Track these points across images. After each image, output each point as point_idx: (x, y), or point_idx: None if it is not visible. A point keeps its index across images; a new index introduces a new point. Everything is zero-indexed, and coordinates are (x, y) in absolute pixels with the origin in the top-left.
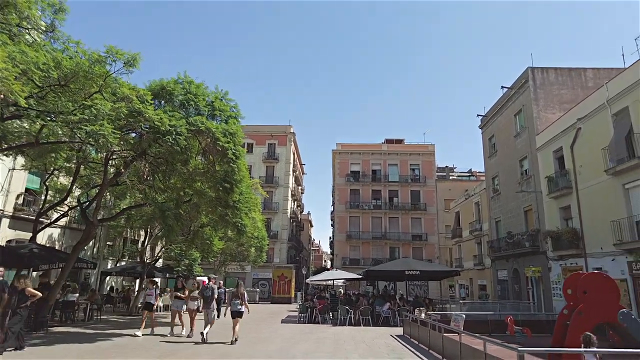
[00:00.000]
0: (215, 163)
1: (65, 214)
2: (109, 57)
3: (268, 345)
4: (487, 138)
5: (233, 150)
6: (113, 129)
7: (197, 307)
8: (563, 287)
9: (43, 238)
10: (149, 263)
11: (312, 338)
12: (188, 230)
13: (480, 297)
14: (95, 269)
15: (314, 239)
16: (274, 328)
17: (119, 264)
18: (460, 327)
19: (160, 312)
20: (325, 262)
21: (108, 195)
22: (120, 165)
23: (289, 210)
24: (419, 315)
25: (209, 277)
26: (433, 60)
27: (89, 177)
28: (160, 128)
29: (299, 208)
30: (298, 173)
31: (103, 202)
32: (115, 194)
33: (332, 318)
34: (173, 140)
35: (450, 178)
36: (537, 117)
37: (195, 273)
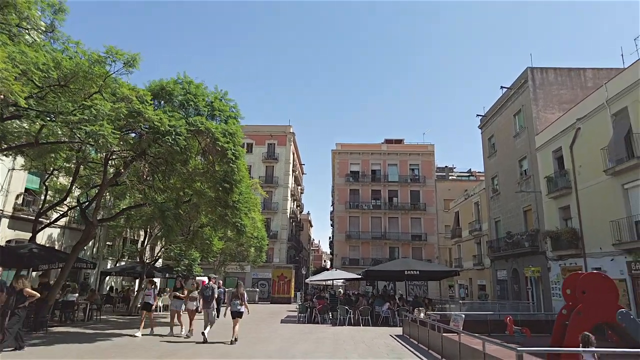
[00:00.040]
0: (215, 163)
1: (65, 214)
2: (109, 57)
3: (268, 345)
4: (486, 138)
5: (232, 151)
6: (113, 129)
7: (195, 307)
8: (562, 287)
9: (43, 238)
10: (149, 263)
11: (311, 338)
12: (188, 231)
13: (480, 297)
14: (95, 269)
15: (314, 239)
16: (274, 328)
17: (119, 264)
18: (460, 327)
19: (160, 312)
20: (325, 262)
21: (108, 196)
22: (120, 166)
23: (289, 210)
24: (418, 315)
25: (209, 277)
26: (433, 60)
27: (89, 177)
28: (160, 128)
29: (299, 208)
30: (298, 173)
31: (103, 202)
32: (115, 194)
33: (331, 318)
34: (173, 141)
35: (450, 178)
36: (536, 117)
37: (195, 273)
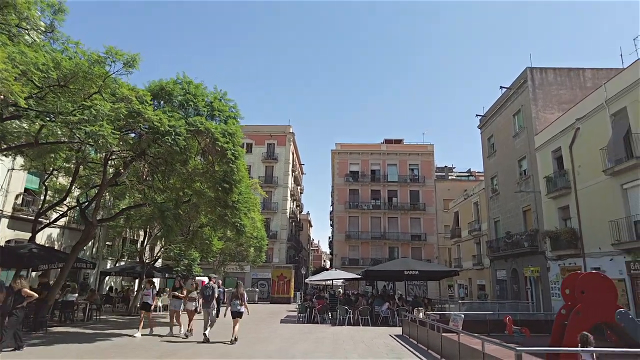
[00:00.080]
0: (215, 163)
1: (65, 214)
2: (109, 57)
3: (267, 345)
4: (486, 138)
5: (232, 151)
6: (112, 130)
7: (194, 307)
8: (561, 287)
9: (42, 238)
10: (148, 263)
11: (311, 338)
12: (187, 231)
13: (479, 297)
14: (95, 269)
15: (313, 239)
16: (273, 328)
17: (118, 264)
18: (459, 326)
19: (160, 312)
20: (325, 262)
21: (107, 196)
22: (120, 166)
23: (288, 210)
24: (418, 315)
25: (210, 276)
26: (432, 61)
27: (88, 177)
28: (160, 128)
29: (298, 208)
30: (297, 173)
31: (102, 202)
32: (115, 194)
33: (331, 318)
34: (172, 141)
35: (449, 178)
36: (535, 117)
37: (195, 273)
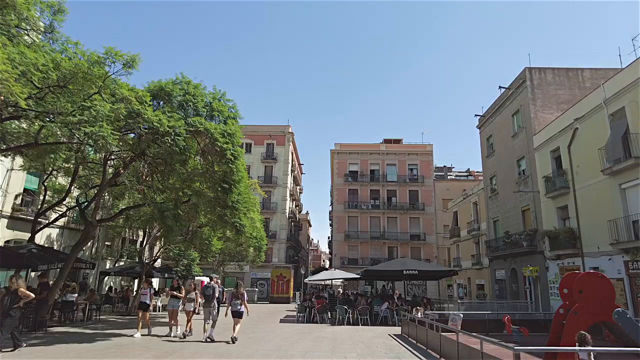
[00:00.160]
0: (214, 163)
1: (64, 215)
2: (108, 58)
3: (267, 345)
4: (484, 138)
5: (231, 151)
6: (112, 130)
7: (193, 308)
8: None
9: (42, 238)
10: (148, 263)
11: (310, 337)
12: (187, 231)
13: (478, 296)
14: (94, 269)
15: (313, 239)
16: (273, 328)
17: (118, 264)
18: (458, 326)
19: (159, 312)
20: (324, 261)
21: (107, 196)
22: (119, 166)
23: (288, 210)
24: (417, 315)
25: (211, 276)
26: (432, 60)
27: (88, 177)
28: (159, 129)
29: (298, 208)
30: (296, 173)
31: (102, 202)
32: (114, 195)
33: (330, 318)
34: (172, 141)
35: (449, 178)
36: (534, 117)
37: (194, 273)
